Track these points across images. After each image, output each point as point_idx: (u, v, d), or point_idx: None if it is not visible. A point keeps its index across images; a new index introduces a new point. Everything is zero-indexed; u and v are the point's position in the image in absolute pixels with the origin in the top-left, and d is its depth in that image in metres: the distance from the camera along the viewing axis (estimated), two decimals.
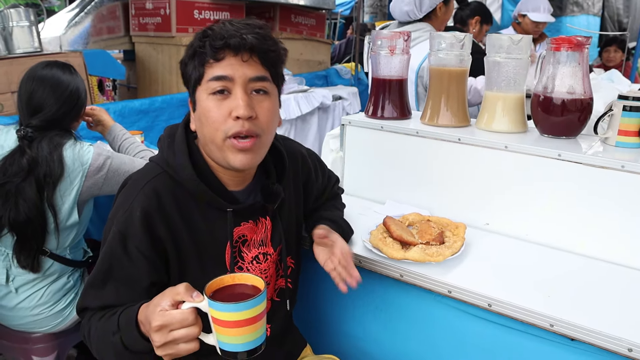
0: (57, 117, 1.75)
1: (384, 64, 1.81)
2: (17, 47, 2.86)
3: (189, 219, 1.13)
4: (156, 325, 0.89)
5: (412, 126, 1.73)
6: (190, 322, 0.90)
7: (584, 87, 1.53)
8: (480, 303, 1.23)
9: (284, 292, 1.33)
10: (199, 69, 1.09)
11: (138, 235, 1.08)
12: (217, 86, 1.06)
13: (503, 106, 1.65)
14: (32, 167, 1.68)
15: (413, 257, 1.32)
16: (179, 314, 0.89)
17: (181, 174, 1.12)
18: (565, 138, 1.57)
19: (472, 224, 1.57)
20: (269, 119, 1.12)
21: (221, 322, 0.88)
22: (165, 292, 0.93)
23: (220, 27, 1.07)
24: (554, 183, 1.46)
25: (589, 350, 1.12)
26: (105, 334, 1.03)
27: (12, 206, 1.68)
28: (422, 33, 2.49)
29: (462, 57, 1.69)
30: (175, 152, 1.13)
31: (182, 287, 0.92)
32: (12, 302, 1.81)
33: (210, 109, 1.07)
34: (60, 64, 1.82)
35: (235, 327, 0.88)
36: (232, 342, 0.90)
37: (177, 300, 0.91)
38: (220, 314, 0.88)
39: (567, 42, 1.52)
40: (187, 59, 1.11)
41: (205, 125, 1.09)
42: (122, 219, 1.09)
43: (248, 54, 1.07)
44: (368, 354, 1.51)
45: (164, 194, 1.12)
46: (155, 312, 0.90)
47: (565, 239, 1.47)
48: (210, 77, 1.07)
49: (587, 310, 1.16)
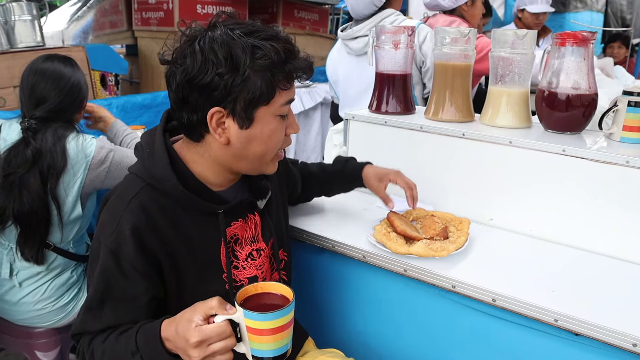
0: (60, 108, 1.76)
1: (387, 59, 1.80)
2: (19, 42, 2.85)
3: (179, 227, 1.11)
4: (195, 341, 0.92)
5: (416, 121, 1.72)
6: (227, 335, 0.93)
7: (588, 82, 1.52)
8: (484, 298, 1.23)
9: None
10: (270, 88, 1.03)
11: (130, 253, 1.04)
12: (286, 110, 1.10)
13: (507, 101, 1.64)
14: (36, 158, 1.68)
15: (417, 252, 1.32)
16: (217, 328, 0.92)
17: (165, 185, 1.08)
18: (569, 133, 1.57)
19: (476, 219, 1.57)
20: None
21: (256, 331, 0.93)
22: (195, 307, 0.95)
23: (293, 48, 1.07)
24: (559, 178, 1.46)
25: (593, 345, 1.12)
26: (118, 356, 1.03)
27: (16, 197, 1.68)
28: (396, 16, 2.42)
29: (467, 52, 1.68)
30: (157, 162, 1.09)
31: (215, 301, 0.95)
32: (15, 297, 1.81)
33: (277, 131, 1.10)
34: (62, 57, 1.83)
35: (269, 335, 0.93)
36: (265, 348, 0.95)
37: (210, 314, 0.94)
38: (255, 323, 0.93)
39: (572, 37, 1.51)
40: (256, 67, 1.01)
41: (263, 144, 1.10)
42: (112, 238, 1.05)
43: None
44: (371, 348, 1.51)
45: (151, 207, 1.08)
46: (191, 329, 0.93)
47: (569, 234, 1.46)
48: (284, 102, 1.08)
49: (591, 305, 1.16)
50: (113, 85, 3.72)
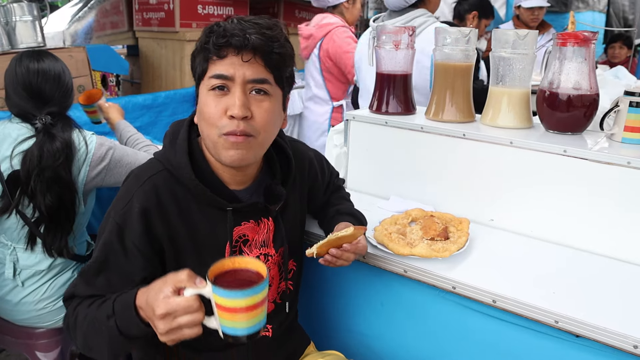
0: (63, 102, 1.80)
1: (388, 59, 1.80)
2: (20, 42, 2.85)
3: (188, 218, 1.13)
4: (161, 313, 0.89)
5: (417, 121, 1.72)
6: (194, 309, 0.90)
7: (590, 82, 1.52)
8: (484, 299, 1.23)
9: (287, 294, 1.33)
10: (203, 64, 1.09)
11: (136, 231, 1.08)
12: (216, 83, 1.07)
13: (508, 102, 1.64)
14: (64, 149, 1.71)
15: (419, 252, 1.31)
16: (184, 301, 0.90)
17: (180, 172, 1.12)
18: (570, 134, 1.56)
19: (476, 219, 1.57)
20: (267, 120, 1.10)
21: (225, 308, 0.89)
22: (167, 278, 0.93)
23: (226, 24, 1.06)
24: (560, 179, 1.45)
25: (594, 347, 1.12)
26: (96, 320, 1.03)
27: (50, 192, 1.70)
28: (426, 18, 2.45)
29: (468, 52, 1.68)
30: (177, 150, 1.14)
31: (185, 273, 0.92)
32: (17, 297, 1.82)
33: (207, 104, 1.08)
34: (48, 54, 1.84)
35: (239, 313, 0.89)
36: (236, 326, 0.91)
37: (180, 286, 0.91)
38: (224, 300, 0.88)
39: (574, 37, 1.51)
40: (195, 53, 1.12)
41: (202, 120, 1.10)
42: (121, 212, 1.09)
43: (250, 54, 1.06)
44: (372, 349, 1.51)
45: (164, 191, 1.12)
46: (158, 299, 0.90)
47: (570, 235, 1.46)
48: (211, 74, 1.07)
49: (592, 307, 1.16)
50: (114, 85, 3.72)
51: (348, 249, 1.23)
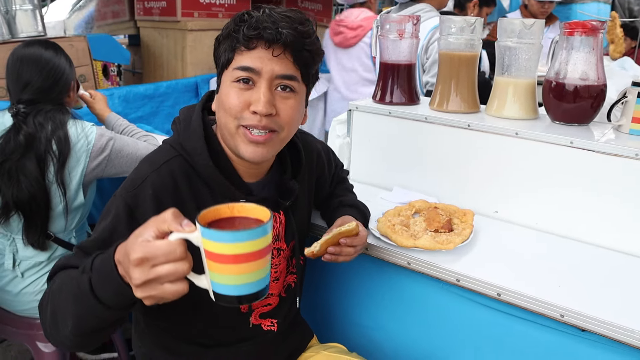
0: (44, 89, 1.76)
1: (392, 48, 1.77)
2: (20, 31, 2.83)
3: (201, 206, 1.09)
4: (136, 257, 0.74)
5: (421, 112, 1.70)
6: (178, 256, 0.75)
7: (597, 73, 1.49)
8: (489, 292, 1.21)
9: (292, 288, 1.31)
10: (229, 53, 1.05)
11: (147, 214, 1.00)
12: (241, 75, 1.03)
13: (514, 92, 1.61)
14: (29, 142, 1.68)
15: (423, 245, 1.30)
16: (165, 245, 0.75)
17: (197, 159, 1.08)
18: (577, 125, 1.54)
19: (480, 211, 1.55)
20: (291, 117, 1.07)
21: (217, 257, 0.73)
22: (148, 221, 0.79)
23: (258, 15, 1.03)
24: (566, 171, 1.43)
25: (600, 342, 1.10)
26: (70, 280, 0.90)
27: (14, 184, 1.68)
28: (427, 12, 2.46)
29: (473, 41, 1.65)
30: (191, 135, 1.09)
31: (169, 213, 0.78)
32: (17, 288, 1.81)
33: (230, 96, 1.04)
34: (42, 41, 1.84)
35: (234, 263, 0.73)
36: (229, 282, 0.75)
37: (163, 230, 0.77)
38: (216, 246, 0.72)
39: (581, 26, 1.48)
40: (220, 38, 1.08)
41: (221, 110, 1.06)
42: (132, 194, 1.04)
43: (281, 49, 1.03)
44: (374, 342, 1.50)
45: (180, 177, 1.08)
46: (135, 243, 0.76)
47: (576, 228, 1.44)
48: (237, 66, 1.03)
49: (598, 300, 1.14)
50: (115, 75, 3.70)
51: (346, 244, 1.20)
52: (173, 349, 1.22)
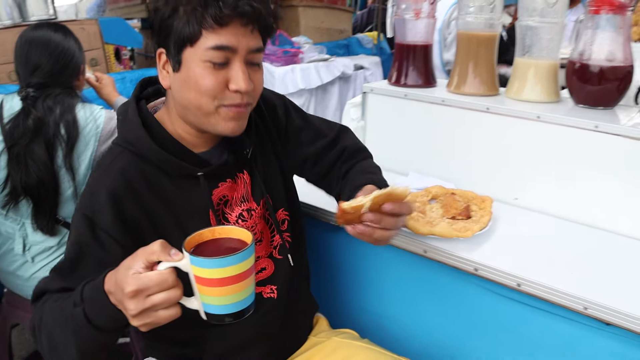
0: (54, 72, 1.75)
1: (408, 28, 1.72)
2: (31, 15, 2.82)
3: (162, 193, 1.06)
4: (131, 290, 0.78)
5: (438, 94, 1.64)
6: (170, 284, 0.79)
7: (624, 53, 1.42)
8: (508, 282, 1.17)
9: (285, 248, 1.25)
10: (194, 27, 0.96)
11: (107, 220, 0.99)
12: (217, 57, 0.97)
13: (535, 74, 1.55)
14: (37, 127, 1.67)
15: (440, 232, 1.25)
16: (157, 276, 0.78)
17: (139, 146, 1.04)
18: (602, 108, 1.48)
19: (499, 198, 1.50)
20: (261, 89, 1.08)
21: (205, 281, 0.80)
22: (136, 253, 0.82)
23: None
24: (590, 156, 1.38)
25: (625, 336, 1.05)
26: (63, 311, 0.91)
27: (22, 169, 1.68)
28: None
29: (492, 21, 1.59)
30: (129, 124, 1.06)
31: (157, 244, 0.81)
32: (28, 272, 1.81)
33: (203, 77, 0.98)
34: (51, 24, 1.82)
35: (222, 286, 0.80)
36: (218, 302, 0.82)
37: (152, 260, 0.80)
38: (204, 271, 0.79)
39: (608, 4, 1.41)
40: (173, 4, 0.97)
41: (192, 91, 1.00)
42: (87, 205, 1.00)
43: (256, 24, 0.99)
44: (387, 330, 1.47)
45: (131, 172, 1.04)
46: (127, 276, 0.79)
47: (600, 215, 1.39)
48: (211, 45, 0.97)
49: (623, 292, 1.09)
50: (127, 59, 3.68)
51: (392, 210, 0.98)
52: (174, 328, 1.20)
